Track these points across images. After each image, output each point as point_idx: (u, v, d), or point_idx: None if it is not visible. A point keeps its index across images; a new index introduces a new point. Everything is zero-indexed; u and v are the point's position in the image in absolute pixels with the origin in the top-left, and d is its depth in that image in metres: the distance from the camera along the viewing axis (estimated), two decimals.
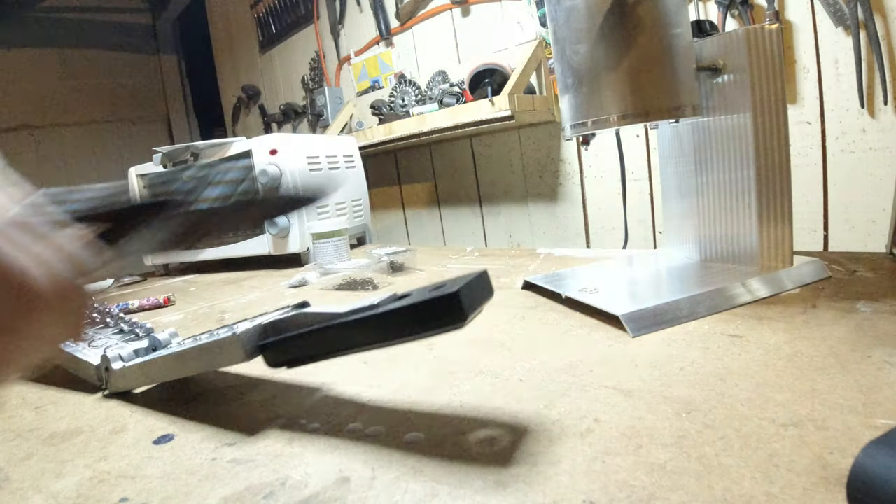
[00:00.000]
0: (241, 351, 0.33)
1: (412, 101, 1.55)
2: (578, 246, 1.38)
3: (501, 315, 0.53)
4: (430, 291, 0.29)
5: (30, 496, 0.28)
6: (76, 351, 0.43)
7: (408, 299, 0.29)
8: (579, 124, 0.52)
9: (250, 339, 0.33)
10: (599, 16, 0.48)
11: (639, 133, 1.20)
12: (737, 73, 0.51)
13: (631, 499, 0.22)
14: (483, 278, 0.30)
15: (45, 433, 0.36)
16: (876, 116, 0.91)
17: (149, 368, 0.39)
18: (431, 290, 0.29)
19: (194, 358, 0.36)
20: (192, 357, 0.36)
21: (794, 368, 0.33)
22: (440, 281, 0.30)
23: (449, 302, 0.27)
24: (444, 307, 0.27)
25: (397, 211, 1.87)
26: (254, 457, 0.30)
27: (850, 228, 0.97)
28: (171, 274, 1.23)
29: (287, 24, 2.08)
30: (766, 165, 0.51)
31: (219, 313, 0.71)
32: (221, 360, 0.34)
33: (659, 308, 0.44)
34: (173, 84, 2.97)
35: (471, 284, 0.28)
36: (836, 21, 0.91)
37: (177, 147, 1.11)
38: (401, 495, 0.24)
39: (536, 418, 0.30)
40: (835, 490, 0.21)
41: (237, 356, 0.33)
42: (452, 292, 0.27)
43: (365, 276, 0.77)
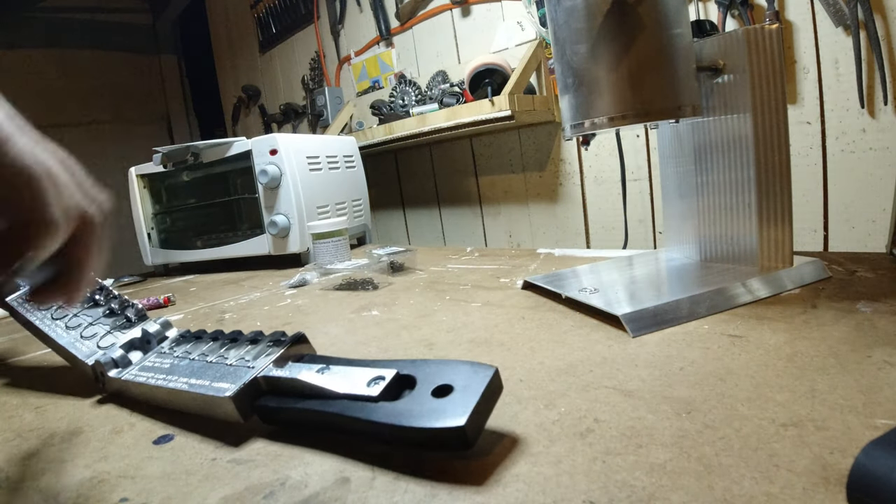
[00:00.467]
0: (235, 412, 0.31)
1: (412, 101, 1.55)
2: (578, 246, 1.38)
3: (501, 315, 0.53)
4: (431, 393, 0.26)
5: (30, 496, 0.28)
6: (71, 346, 0.43)
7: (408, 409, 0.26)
8: (579, 124, 0.52)
9: (245, 398, 0.32)
10: (599, 16, 0.48)
11: (639, 133, 1.20)
12: (737, 73, 0.51)
13: (631, 499, 0.22)
14: (493, 384, 0.27)
15: (45, 433, 0.36)
16: (876, 116, 0.91)
17: (144, 390, 0.38)
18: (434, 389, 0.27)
19: (188, 401, 0.35)
20: (187, 400, 0.35)
21: (794, 368, 0.33)
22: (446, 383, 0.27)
23: (454, 434, 0.25)
24: (449, 437, 0.25)
25: (397, 211, 1.87)
26: (254, 457, 0.30)
27: (850, 228, 0.97)
28: (171, 274, 1.23)
29: (287, 25, 2.08)
30: (766, 165, 0.51)
31: (219, 313, 0.71)
32: (216, 413, 0.33)
33: (659, 308, 0.44)
34: (173, 84, 2.97)
35: (478, 408, 0.25)
36: (836, 21, 0.91)
37: (177, 147, 1.11)
38: (401, 495, 0.24)
39: (536, 418, 0.30)
40: (835, 490, 0.21)
41: (232, 416, 0.32)
42: (458, 427, 0.24)
43: (365, 276, 0.77)
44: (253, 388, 0.32)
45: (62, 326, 0.45)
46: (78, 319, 0.46)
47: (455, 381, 0.27)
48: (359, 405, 0.28)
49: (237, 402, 0.31)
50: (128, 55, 2.78)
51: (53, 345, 0.44)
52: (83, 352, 0.42)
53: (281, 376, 0.32)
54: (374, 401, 0.28)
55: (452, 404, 0.25)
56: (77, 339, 0.43)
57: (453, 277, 0.75)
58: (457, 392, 0.26)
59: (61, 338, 0.44)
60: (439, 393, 0.27)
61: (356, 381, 0.29)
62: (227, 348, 0.37)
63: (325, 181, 1.15)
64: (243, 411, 0.32)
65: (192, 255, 1.19)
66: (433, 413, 0.25)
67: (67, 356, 0.43)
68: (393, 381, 0.29)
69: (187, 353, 0.39)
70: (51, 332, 0.45)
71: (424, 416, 0.26)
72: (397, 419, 0.26)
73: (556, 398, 0.33)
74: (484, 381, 0.26)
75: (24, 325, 0.48)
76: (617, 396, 0.32)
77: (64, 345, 0.43)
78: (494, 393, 0.27)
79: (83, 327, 0.45)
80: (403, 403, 0.27)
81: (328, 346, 0.50)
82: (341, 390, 0.29)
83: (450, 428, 0.25)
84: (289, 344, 0.35)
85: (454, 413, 0.25)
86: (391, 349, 0.46)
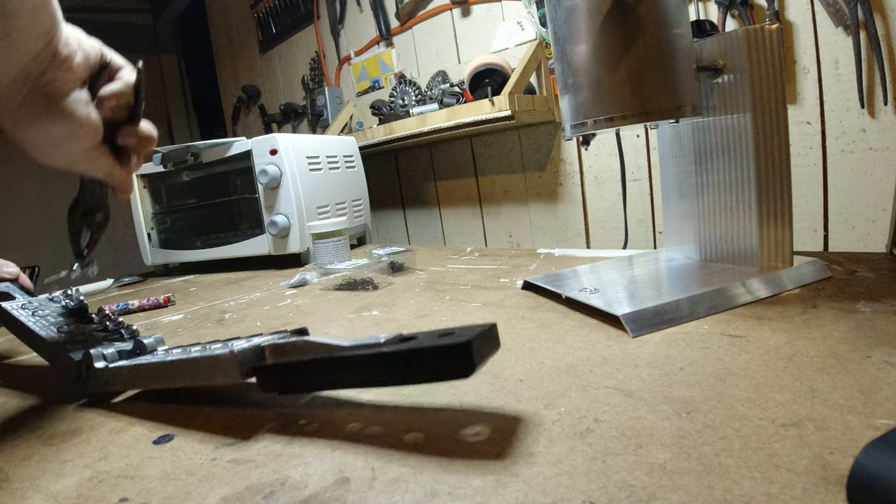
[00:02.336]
0: (236, 370, 0.32)
1: (412, 101, 1.55)
2: (578, 246, 1.38)
3: (501, 315, 0.53)
4: (439, 337, 0.28)
5: (30, 496, 0.28)
6: (58, 345, 0.43)
7: (415, 342, 0.28)
8: (579, 124, 0.52)
9: (247, 359, 0.32)
10: (599, 16, 0.48)
11: (639, 133, 1.20)
12: (737, 73, 0.51)
13: (631, 499, 0.22)
14: (492, 332, 0.29)
15: (45, 433, 0.36)
16: (876, 116, 0.91)
17: (138, 372, 0.38)
18: (440, 335, 0.28)
19: (188, 370, 0.35)
20: (186, 368, 0.35)
21: (794, 368, 0.33)
22: (448, 328, 0.29)
23: (460, 351, 0.26)
24: (454, 356, 0.26)
25: (397, 211, 1.87)
26: (254, 457, 0.30)
27: (850, 228, 0.97)
28: (171, 274, 1.23)
29: (287, 25, 2.08)
30: (766, 165, 0.51)
31: (219, 313, 0.71)
32: (216, 377, 0.33)
33: (659, 308, 0.44)
34: (173, 84, 2.97)
35: (482, 336, 0.27)
36: (836, 21, 0.91)
37: (177, 147, 1.11)
38: (401, 495, 0.24)
39: (536, 418, 0.30)
40: (835, 490, 0.21)
41: (232, 375, 0.32)
42: (464, 342, 0.26)
43: (365, 276, 0.77)
44: (256, 354, 0.33)
45: (54, 331, 0.45)
46: (71, 328, 0.46)
47: (456, 330, 0.29)
48: (368, 349, 0.29)
49: (241, 357, 0.32)
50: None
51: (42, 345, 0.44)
52: (73, 351, 0.42)
53: (288, 341, 0.33)
54: (381, 345, 0.29)
55: (455, 336, 0.27)
56: (69, 341, 0.43)
57: (453, 277, 0.75)
58: (458, 334, 0.28)
59: (52, 337, 0.44)
60: (442, 335, 0.28)
61: (364, 341, 0.31)
62: (226, 341, 0.38)
63: (325, 181, 1.15)
64: (244, 369, 0.32)
65: (192, 255, 1.19)
66: (439, 341, 0.27)
67: (54, 356, 0.43)
68: (398, 337, 0.30)
69: (185, 349, 0.39)
70: (42, 332, 0.45)
71: (431, 343, 0.27)
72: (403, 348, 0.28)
73: (556, 398, 0.33)
74: (483, 328, 0.28)
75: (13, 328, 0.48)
76: (617, 396, 0.32)
77: (51, 343, 0.43)
78: (492, 341, 0.29)
79: (76, 334, 0.45)
80: (409, 343, 0.29)
81: None
82: (349, 344, 0.31)
83: (456, 345, 0.26)
84: (292, 332, 0.36)
85: (460, 339, 0.26)
86: None
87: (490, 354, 0.29)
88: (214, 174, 1.20)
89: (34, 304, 0.51)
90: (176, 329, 0.65)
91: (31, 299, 0.52)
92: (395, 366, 0.28)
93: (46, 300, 0.53)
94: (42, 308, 0.50)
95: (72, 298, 0.52)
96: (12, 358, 0.59)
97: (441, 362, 0.27)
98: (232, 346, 0.34)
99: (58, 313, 0.49)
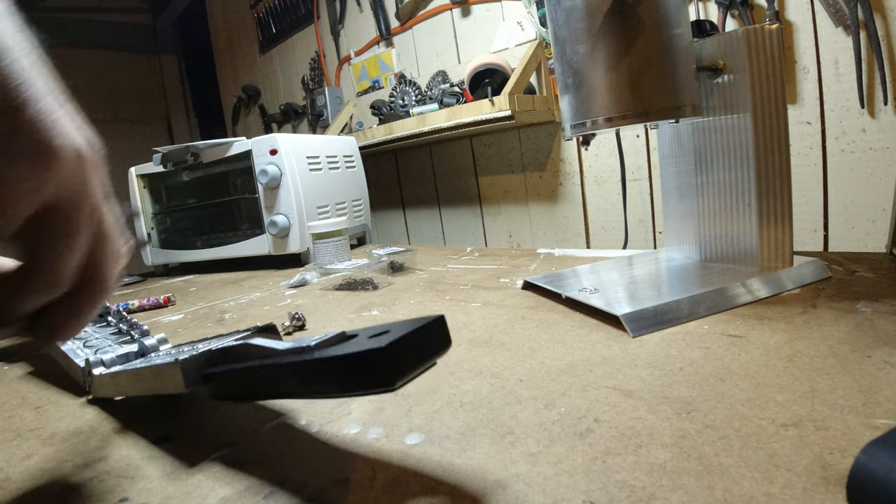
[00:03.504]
0: (180, 379, 0.30)
1: (412, 101, 1.55)
2: (578, 246, 1.38)
3: (501, 315, 0.53)
4: (368, 338, 0.23)
5: (30, 496, 0.28)
6: (70, 351, 0.43)
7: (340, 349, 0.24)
8: (579, 124, 0.52)
9: (193, 368, 0.30)
10: (599, 16, 0.48)
11: (639, 133, 1.20)
12: (737, 73, 0.51)
13: (631, 499, 0.22)
14: (433, 327, 0.24)
15: (45, 433, 0.36)
16: (876, 116, 0.91)
17: (118, 380, 0.38)
18: (372, 335, 0.24)
19: (144, 379, 0.34)
20: (143, 378, 0.34)
21: (794, 368, 0.33)
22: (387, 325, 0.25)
23: (374, 359, 0.21)
24: (369, 365, 0.22)
25: (397, 211, 1.87)
26: (254, 457, 0.30)
27: (850, 228, 0.97)
28: (171, 274, 1.23)
29: (287, 25, 2.08)
30: (766, 165, 0.51)
31: (219, 313, 0.71)
32: (163, 386, 0.32)
33: (659, 308, 0.44)
34: (173, 84, 2.97)
35: (409, 337, 0.22)
36: (836, 21, 0.91)
37: (177, 147, 1.11)
38: (401, 495, 0.24)
39: (536, 418, 0.30)
40: (835, 490, 0.21)
41: (177, 384, 0.30)
42: (378, 348, 0.21)
43: (365, 276, 0.77)
44: (206, 358, 0.31)
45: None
46: (85, 334, 0.46)
47: (394, 328, 0.24)
48: (295, 355, 0.26)
49: (184, 367, 0.30)
50: (128, 55, 2.78)
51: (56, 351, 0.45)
52: (80, 357, 0.42)
53: (233, 344, 0.31)
54: (311, 349, 0.26)
55: (382, 339, 0.22)
56: (80, 347, 0.44)
57: (453, 277, 0.75)
58: (391, 333, 0.23)
59: (65, 344, 0.44)
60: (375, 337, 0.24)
61: (303, 342, 0.27)
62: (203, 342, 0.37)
63: (325, 181, 1.15)
64: (189, 378, 0.30)
65: (192, 255, 1.19)
66: (360, 347, 0.23)
67: (66, 361, 0.43)
68: (335, 337, 0.26)
69: (168, 351, 0.39)
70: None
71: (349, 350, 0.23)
72: (324, 355, 0.24)
73: (556, 398, 0.33)
74: (422, 323, 0.24)
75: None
76: (617, 396, 0.32)
77: (64, 349, 0.43)
78: (436, 337, 0.24)
79: (88, 340, 0.45)
80: (337, 347, 0.25)
81: None
82: (284, 348, 0.28)
83: (371, 350, 0.21)
84: (256, 330, 0.35)
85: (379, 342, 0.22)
86: None
87: (430, 359, 0.24)
88: (214, 174, 1.20)
89: None
90: (176, 329, 0.65)
91: None
92: (313, 376, 0.24)
93: None
94: None
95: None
96: (15, 357, 0.59)
97: (356, 373, 0.22)
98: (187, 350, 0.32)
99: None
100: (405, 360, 0.22)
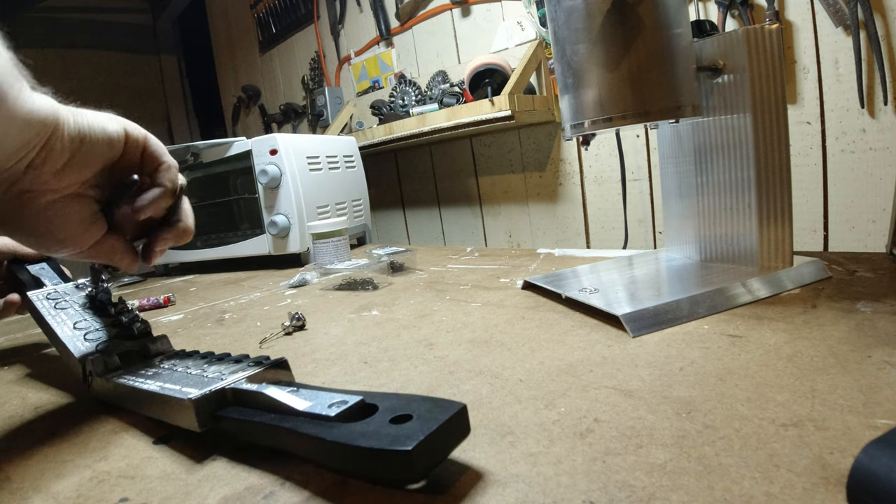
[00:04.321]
0: (193, 418, 0.30)
1: (412, 101, 1.55)
2: (578, 246, 1.38)
3: (501, 315, 0.53)
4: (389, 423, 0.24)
5: (30, 496, 0.28)
6: (69, 341, 0.43)
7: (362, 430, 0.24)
8: (579, 124, 0.52)
9: (206, 408, 0.31)
10: (599, 16, 0.48)
11: (639, 133, 1.20)
12: (737, 73, 0.51)
13: (631, 499, 0.22)
14: (455, 420, 0.25)
15: (45, 433, 0.36)
16: (876, 116, 0.91)
17: (121, 392, 0.38)
18: (393, 416, 0.25)
19: (151, 403, 0.34)
20: (154, 403, 0.34)
21: (794, 368, 0.33)
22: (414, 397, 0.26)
23: (400, 460, 0.22)
24: (394, 464, 0.23)
25: (397, 211, 1.87)
26: (254, 457, 0.30)
27: (850, 228, 0.97)
28: (171, 274, 1.23)
29: (287, 25, 2.08)
30: (766, 165, 0.51)
31: (219, 313, 0.71)
32: (171, 417, 0.32)
33: (659, 308, 0.44)
34: (173, 84, 2.97)
35: (434, 435, 0.23)
36: (836, 21, 0.91)
37: (177, 147, 1.11)
38: (401, 496, 0.24)
39: (536, 418, 0.30)
40: (835, 490, 0.21)
41: (188, 422, 0.31)
42: (405, 451, 0.22)
43: (365, 276, 0.77)
44: (218, 398, 0.31)
45: (69, 325, 0.45)
46: (86, 324, 0.46)
47: (417, 411, 0.25)
48: (315, 424, 0.27)
49: (197, 406, 0.30)
50: (128, 55, 2.78)
51: (55, 340, 0.44)
52: (80, 349, 0.42)
53: (248, 388, 0.31)
54: (330, 420, 0.26)
55: (406, 431, 0.23)
56: (80, 339, 0.44)
57: (453, 277, 0.75)
58: (414, 421, 0.24)
59: (65, 334, 0.44)
60: (398, 420, 0.25)
61: (320, 403, 0.28)
62: (210, 363, 0.37)
63: (325, 181, 1.15)
64: (202, 419, 0.30)
65: (192, 254, 1.19)
66: (383, 436, 0.24)
67: (65, 352, 0.43)
68: (355, 406, 0.27)
69: (173, 366, 0.39)
70: (56, 328, 0.45)
71: (374, 439, 0.24)
72: (346, 439, 0.24)
73: (556, 398, 0.33)
74: (446, 415, 0.25)
75: (36, 318, 0.49)
76: (617, 396, 0.32)
77: (64, 340, 0.43)
78: (457, 429, 0.25)
79: (89, 331, 0.45)
80: (358, 426, 0.25)
81: (328, 346, 0.50)
82: (302, 408, 0.28)
83: (396, 451, 0.22)
84: (268, 366, 0.34)
85: (404, 439, 0.23)
86: (391, 349, 0.46)
87: (451, 447, 0.25)
88: (214, 174, 1.20)
89: (59, 293, 0.51)
90: (176, 329, 0.65)
91: (57, 287, 0.52)
92: (335, 455, 0.25)
93: (73, 288, 0.53)
94: (66, 297, 0.50)
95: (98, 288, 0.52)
96: (15, 357, 0.59)
97: (382, 467, 0.23)
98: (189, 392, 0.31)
99: (79, 304, 0.49)
100: (429, 458, 0.23)
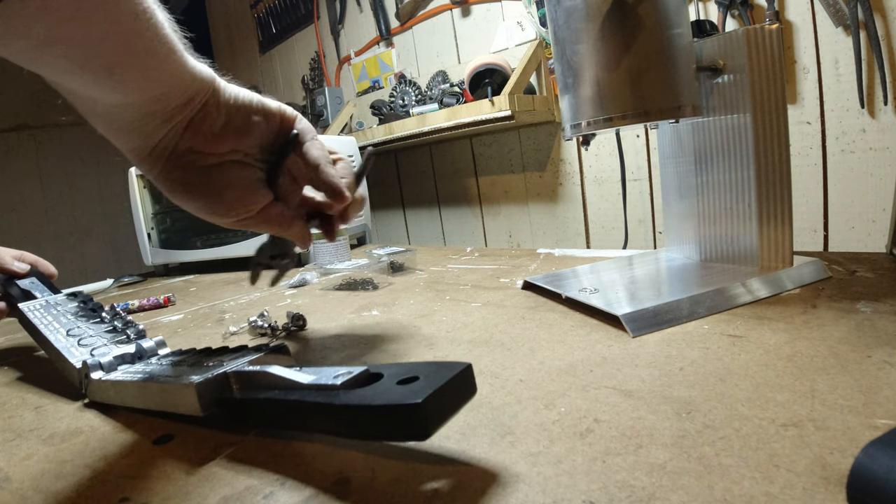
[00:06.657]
0: (195, 402, 0.30)
1: (412, 101, 1.55)
2: (578, 246, 1.38)
3: (501, 315, 0.53)
4: (396, 384, 0.25)
5: (30, 496, 0.28)
6: (63, 349, 0.43)
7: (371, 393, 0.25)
8: (579, 124, 0.52)
9: (208, 391, 0.31)
10: (599, 16, 0.48)
11: (639, 133, 1.20)
12: (737, 73, 0.51)
13: (631, 499, 0.22)
14: (461, 378, 0.25)
15: (45, 433, 0.36)
16: (876, 116, 0.91)
17: (121, 389, 0.37)
18: (399, 380, 0.25)
19: (151, 394, 0.34)
20: (153, 393, 0.34)
21: (794, 368, 0.33)
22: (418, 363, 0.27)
23: (409, 413, 0.23)
24: (404, 419, 0.23)
25: (397, 211, 1.87)
26: (254, 457, 0.30)
27: (850, 228, 0.97)
28: (171, 274, 1.23)
29: (287, 25, 2.08)
30: (766, 165, 0.51)
31: (219, 313, 0.71)
32: (174, 405, 0.32)
33: (659, 308, 0.44)
34: None
35: (442, 390, 0.24)
36: (836, 21, 0.91)
37: None
38: (401, 496, 0.24)
39: (536, 418, 0.30)
40: (835, 490, 0.21)
41: (191, 407, 0.31)
42: (415, 404, 0.23)
43: (365, 276, 0.77)
44: (220, 383, 0.31)
45: (62, 333, 0.45)
46: (80, 330, 0.46)
47: (423, 373, 0.26)
48: (322, 393, 0.27)
49: (200, 389, 0.30)
50: None
51: (50, 349, 0.44)
52: (76, 356, 0.42)
53: (251, 370, 0.31)
54: (337, 389, 0.27)
55: (414, 389, 0.24)
56: (74, 345, 0.43)
57: (453, 277, 0.75)
58: (421, 380, 0.25)
59: (59, 342, 0.44)
60: (404, 382, 0.26)
61: (325, 376, 0.29)
62: (209, 356, 0.37)
63: None
64: (204, 403, 0.30)
65: (192, 255, 1.19)
66: (392, 395, 0.24)
67: (60, 360, 0.43)
68: (360, 375, 0.28)
69: (172, 361, 0.39)
70: (50, 336, 0.45)
71: (382, 398, 0.24)
72: (356, 402, 0.25)
73: (556, 398, 0.33)
74: (452, 373, 0.25)
75: (28, 329, 0.49)
76: (617, 396, 0.32)
77: (59, 348, 0.43)
78: (464, 387, 0.26)
79: (83, 337, 0.45)
80: (365, 391, 0.26)
81: (328, 346, 0.50)
82: (308, 382, 0.28)
83: (406, 405, 0.23)
84: (268, 351, 0.35)
85: (413, 395, 0.23)
86: (391, 349, 0.46)
87: (458, 407, 0.25)
88: None
89: (50, 303, 0.51)
90: (176, 329, 0.65)
91: (48, 298, 0.53)
92: (343, 418, 0.26)
93: (64, 298, 0.53)
94: (58, 307, 0.51)
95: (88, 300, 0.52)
96: (16, 358, 0.59)
97: (391, 423, 0.24)
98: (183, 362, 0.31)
99: (71, 313, 0.50)
100: (438, 412, 0.24)
